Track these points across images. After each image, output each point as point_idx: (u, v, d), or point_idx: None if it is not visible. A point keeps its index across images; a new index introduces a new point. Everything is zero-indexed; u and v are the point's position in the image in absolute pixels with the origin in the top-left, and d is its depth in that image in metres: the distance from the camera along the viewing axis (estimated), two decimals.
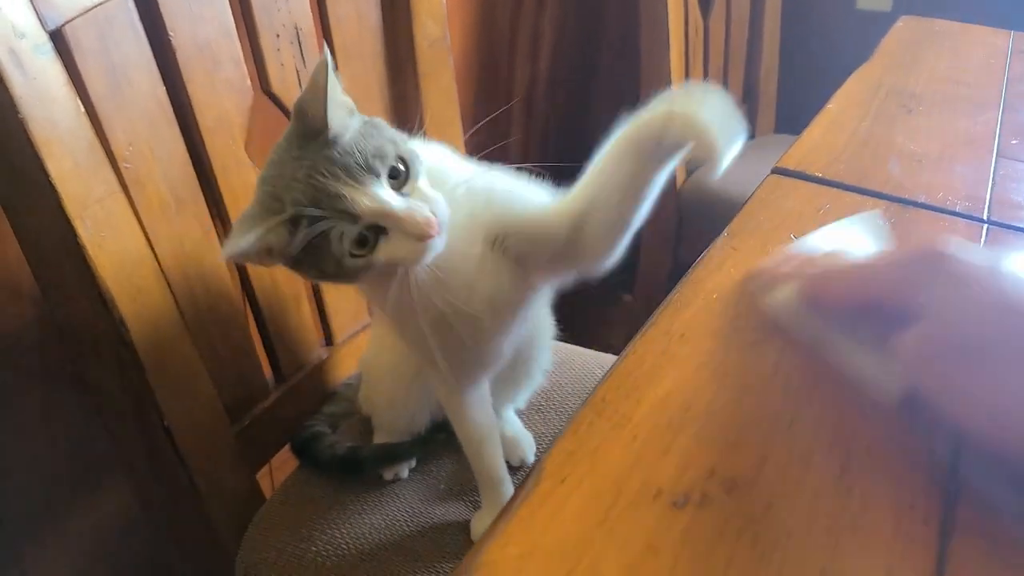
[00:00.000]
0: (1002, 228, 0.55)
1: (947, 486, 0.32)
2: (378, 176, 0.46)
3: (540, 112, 1.48)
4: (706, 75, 1.45)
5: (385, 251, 0.47)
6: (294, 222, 0.45)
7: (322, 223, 0.44)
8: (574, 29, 1.55)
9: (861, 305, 0.38)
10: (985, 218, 0.56)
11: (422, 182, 0.49)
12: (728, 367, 0.38)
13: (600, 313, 0.57)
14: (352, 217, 0.45)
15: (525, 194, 0.55)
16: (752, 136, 1.62)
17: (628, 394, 0.35)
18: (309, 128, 0.46)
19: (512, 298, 0.56)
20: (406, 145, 0.49)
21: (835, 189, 0.57)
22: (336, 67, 0.50)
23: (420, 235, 0.46)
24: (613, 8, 1.64)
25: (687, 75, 1.37)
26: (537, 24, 1.43)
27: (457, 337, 0.55)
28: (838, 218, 0.50)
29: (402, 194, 0.47)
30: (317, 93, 0.45)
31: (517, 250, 0.53)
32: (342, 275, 0.48)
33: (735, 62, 1.54)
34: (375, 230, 0.46)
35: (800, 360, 0.39)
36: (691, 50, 1.38)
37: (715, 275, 0.45)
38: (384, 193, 0.46)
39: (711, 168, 0.44)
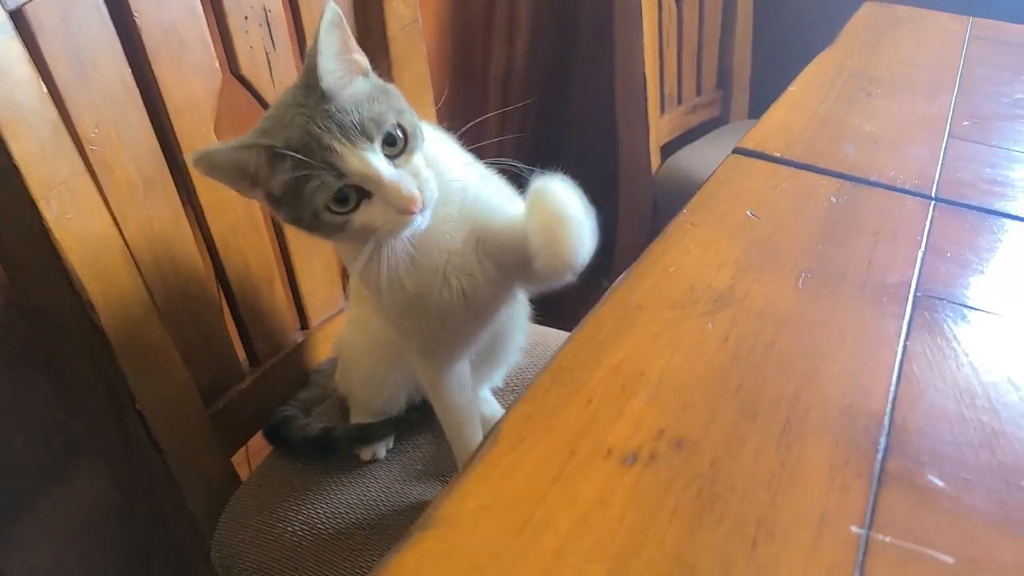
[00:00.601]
0: (948, 205, 0.58)
1: (880, 441, 0.34)
2: (371, 140, 0.46)
3: (517, 96, 1.48)
4: (680, 60, 1.47)
5: (364, 215, 0.47)
6: (279, 158, 0.46)
7: (306, 169, 0.44)
8: (550, 13, 1.55)
9: None
10: (933, 196, 0.59)
11: (418, 158, 0.48)
12: (682, 335, 0.40)
13: (577, 297, 0.58)
14: (337, 172, 0.45)
15: (508, 204, 0.55)
16: (726, 121, 1.64)
17: (585, 361, 0.37)
18: (311, 80, 0.47)
19: (488, 296, 0.57)
20: (411, 117, 0.49)
21: (792, 168, 0.59)
22: (341, 26, 0.49)
23: (402, 208, 0.46)
24: None
25: (662, 59, 1.39)
26: (513, 8, 1.43)
27: (428, 320, 0.56)
28: (793, 196, 0.52)
29: (394, 164, 0.47)
30: (313, 46, 0.46)
31: (493, 255, 0.54)
32: (316, 227, 0.48)
33: (709, 48, 1.56)
34: (358, 192, 0.46)
35: (751, 329, 0.41)
36: (665, 36, 1.39)
37: (673, 249, 0.47)
38: (375, 158, 0.45)
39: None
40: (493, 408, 0.78)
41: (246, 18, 0.71)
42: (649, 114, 1.34)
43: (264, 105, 0.75)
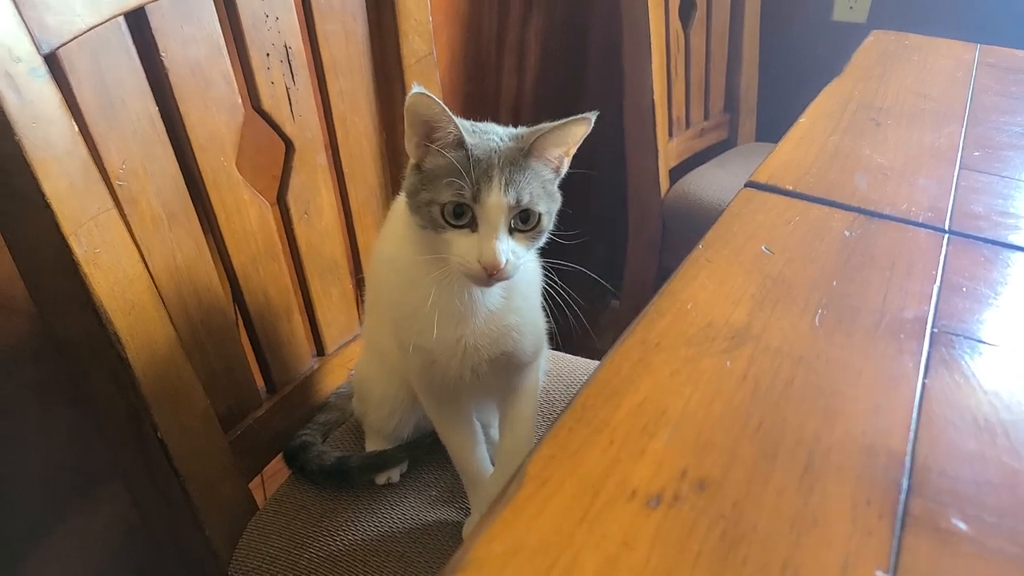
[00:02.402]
0: (961, 238, 0.58)
1: (902, 482, 0.35)
2: (516, 204, 0.52)
3: (528, 123, 1.50)
4: (688, 85, 1.49)
5: (456, 237, 0.52)
6: (458, 148, 0.53)
7: (463, 168, 0.51)
8: (559, 41, 1.58)
9: None
10: (946, 228, 0.59)
11: (527, 247, 0.55)
12: (700, 373, 0.40)
13: (589, 319, 0.60)
14: (475, 193, 0.51)
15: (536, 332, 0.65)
16: (734, 144, 1.65)
17: (607, 400, 0.37)
18: (523, 144, 0.55)
19: (487, 374, 0.63)
20: (549, 223, 0.56)
21: (804, 202, 0.60)
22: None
23: (484, 262, 0.51)
24: (597, 20, 1.67)
25: (669, 85, 1.41)
26: (523, 37, 1.45)
27: (430, 365, 0.61)
28: (807, 230, 0.52)
29: (512, 235, 0.53)
30: (553, 129, 0.55)
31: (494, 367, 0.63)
32: (422, 211, 0.53)
33: (716, 72, 1.58)
34: (471, 221, 0.52)
35: (769, 367, 0.41)
36: (673, 61, 1.41)
37: (690, 286, 0.48)
38: (506, 212, 0.52)
39: None
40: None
41: (268, 55, 0.74)
42: (658, 138, 1.35)
43: (284, 139, 0.77)
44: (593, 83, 1.73)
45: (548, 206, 0.55)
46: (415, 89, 0.52)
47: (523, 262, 0.55)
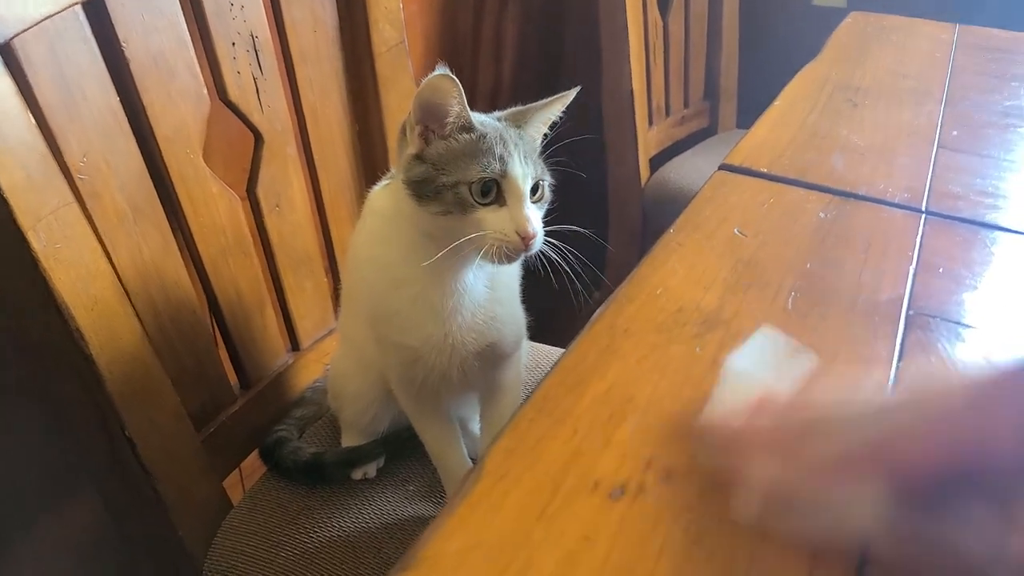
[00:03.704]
0: (939, 218, 0.57)
1: None
2: (531, 175, 0.54)
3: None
4: (667, 72, 1.47)
5: (488, 214, 0.52)
6: (471, 131, 0.54)
7: (484, 146, 0.52)
8: (536, 29, 1.56)
9: (951, 468, 0.28)
10: (923, 209, 0.59)
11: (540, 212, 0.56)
12: (669, 359, 0.39)
13: (570, 311, 0.59)
14: (502, 169, 0.52)
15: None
16: (714, 132, 1.64)
17: (571, 389, 0.36)
18: (520, 122, 0.58)
19: (471, 368, 0.62)
20: (548, 191, 0.58)
21: (779, 184, 0.59)
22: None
23: (522, 232, 0.52)
24: (574, 6, 1.66)
25: (648, 73, 1.39)
26: (500, 26, 1.44)
27: (410, 354, 0.60)
28: (781, 212, 0.52)
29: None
30: (541, 106, 0.58)
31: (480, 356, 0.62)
32: (443, 195, 0.53)
33: (696, 59, 1.56)
34: (498, 197, 0.53)
35: None
36: (651, 48, 1.40)
37: (660, 271, 0.47)
38: (529, 179, 0.54)
39: None
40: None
41: (234, 44, 0.72)
42: (637, 127, 1.34)
43: (253, 130, 0.75)
44: (571, 71, 1.71)
45: (547, 177, 0.57)
46: (439, 70, 0.52)
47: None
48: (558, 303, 0.54)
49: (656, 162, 1.45)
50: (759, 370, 0.35)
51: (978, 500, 0.28)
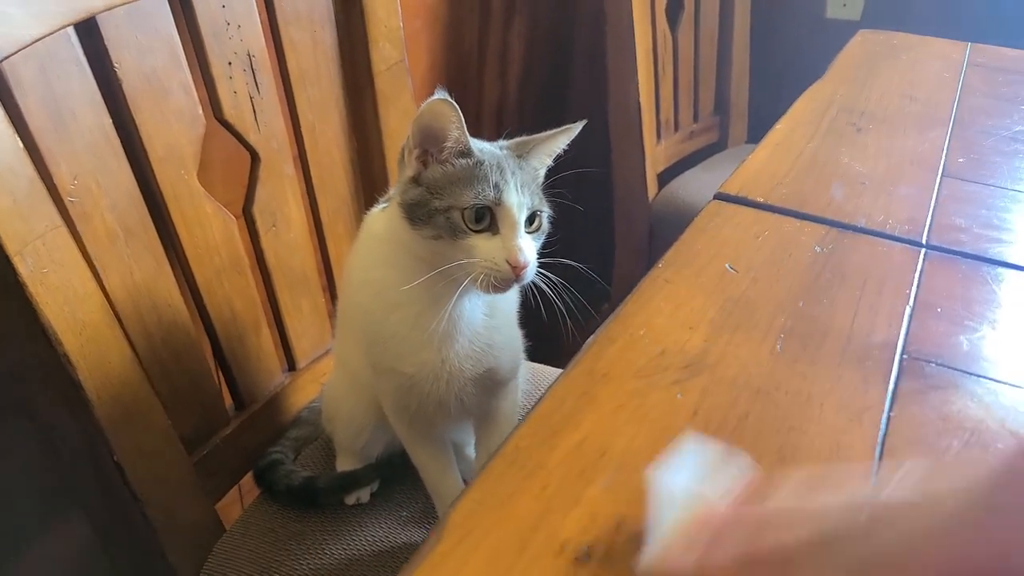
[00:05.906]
0: (940, 252, 0.56)
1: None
2: (528, 205, 0.54)
3: (512, 128, 1.48)
4: (676, 86, 1.46)
5: (480, 242, 0.52)
6: (469, 156, 0.53)
7: (479, 172, 0.52)
8: (542, 45, 1.55)
9: None
10: (924, 242, 0.57)
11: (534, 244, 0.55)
12: (648, 408, 0.38)
13: (577, 324, 0.58)
14: (496, 196, 0.52)
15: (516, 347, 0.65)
16: (724, 147, 1.62)
17: (544, 440, 0.35)
18: (522, 152, 0.58)
19: (467, 395, 0.61)
20: (547, 222, 0.57)
21: (775, 215, 0.58)
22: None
23: (513, 262, 0.51)
24: (582, 21, 1.65)
25: (657, 87, 1.38)
26: (505, 41, 1.43)
27: (411, 388, 0.59)
28: (775, 245, 0.50)
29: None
30: (544, 138, 0.58)
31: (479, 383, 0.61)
32: (434, 219, 0.52)
33: (706, 73, 1.55)
34: (491, 224, 0.52)
35: (724, 400, 0.39)
36: (660, 63, 1.38)
37: (644, 309, 0.45)
38: (524, 208, 0.53)
39: None
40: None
41: (230, 64, 0.71)
42: (644, 141, 1.33)
43: (249, 149, 0.75)
44: (579, 86, 1.70)
45: (546, 208, 0.57)
46: (438, 95, 0.52)
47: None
48: (559, 322, 0.53)
49: (665, 177, 1.44)
50: (692, 484, 0.30)
51: None
